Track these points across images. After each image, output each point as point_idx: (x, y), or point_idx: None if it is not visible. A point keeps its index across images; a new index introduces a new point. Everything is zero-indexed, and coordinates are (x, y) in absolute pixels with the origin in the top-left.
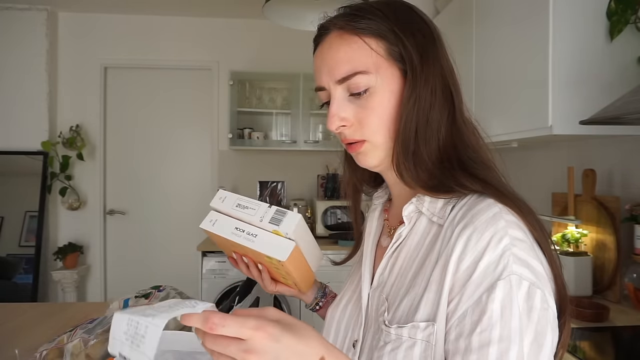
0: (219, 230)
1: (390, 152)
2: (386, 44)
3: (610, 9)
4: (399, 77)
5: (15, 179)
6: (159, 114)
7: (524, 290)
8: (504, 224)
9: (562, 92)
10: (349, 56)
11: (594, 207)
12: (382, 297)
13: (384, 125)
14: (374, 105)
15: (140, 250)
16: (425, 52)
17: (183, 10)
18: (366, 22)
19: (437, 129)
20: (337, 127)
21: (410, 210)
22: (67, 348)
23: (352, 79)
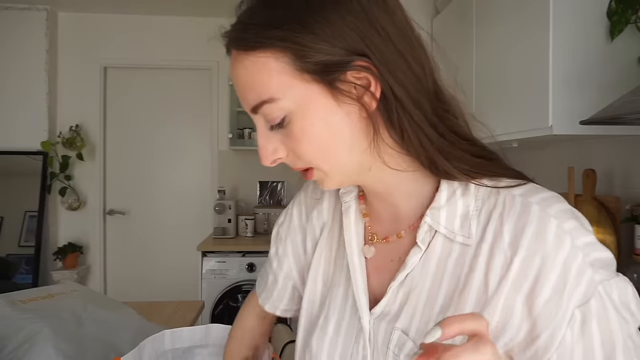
0: None
1: (354, 171)
2: (289, 56)
3: (611, 9)
4: (319, 92)
5: (15, 179)
6: (159, 114)
7: (614, 288)
8: (570, 240)
9: (562, 92)
10: (249, 82)
11: (594, 207)
12: (398, 331)
13: (320, 152)
14: (298, 134)
15: (140, 250)
16: (352, 46)
17: (183, 10)
18: (258, 32)
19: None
20: (271, 162)
21: (424, 231)
22: None
23: (260, 109)
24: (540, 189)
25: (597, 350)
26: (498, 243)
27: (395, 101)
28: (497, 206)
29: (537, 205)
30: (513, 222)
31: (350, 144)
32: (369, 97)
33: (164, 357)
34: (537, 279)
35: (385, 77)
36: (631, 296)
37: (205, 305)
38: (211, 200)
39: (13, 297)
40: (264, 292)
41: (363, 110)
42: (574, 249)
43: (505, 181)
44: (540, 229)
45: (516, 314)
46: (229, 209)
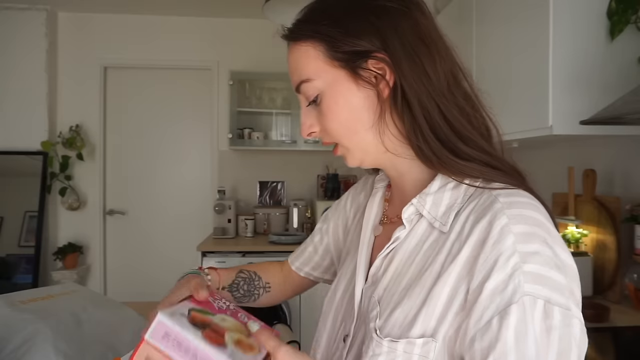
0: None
1: (372, 150)
2: (324, 46)
3: (611, 9)
4: (344, 76)
5: (15, 179)
6: (159, 114)
7: (540, 310)
8: (512, 240)
9: (562, 92)
10: (295, 66)
11: (595, 207)
12: (374, 299)
13: (343, 128)
14: (326, 110)
15: (140, 250)
16: (374, 42)
17: (183, 10)
18: (304, 27)
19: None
20: (307, 134)
21: (410, 212)
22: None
23: (301, 88)
24: (523, 196)
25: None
26: (462, 232)
27: (402, 92)
28: (475, 202)
29: (501, 204)
30: (476, 214)
31: (365, 123)
32: (384, 85)
33: None
34: (472, 267)
35: (398, 69)
36: (555, 332)
37: None
38: (211, 200)
39: (13, 297)
40: (299, 260)
41: (378, 95)
42: (511, 249)
43: (496, 184)
44: (491, 223)
45: (457, 302)
46: (229, 209)
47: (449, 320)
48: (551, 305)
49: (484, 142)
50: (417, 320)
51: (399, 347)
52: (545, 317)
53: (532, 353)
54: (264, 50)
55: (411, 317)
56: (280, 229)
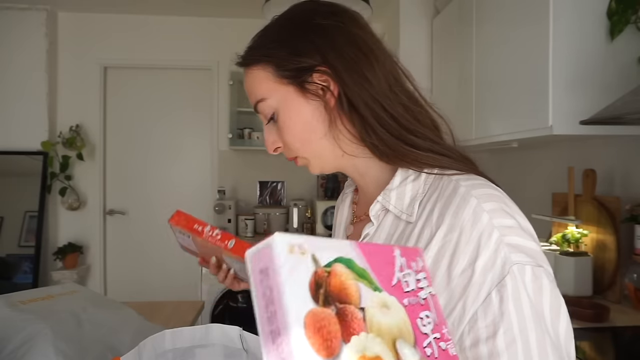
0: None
1: (328, 156)
2: (272, 67)
3: (611, 9)
4: (293, 92)
5: (15, 179)
6: (159, 114)
7: (529, 275)
8: (487, 218)
9: (562, 92)
10: (250, 89)
11: (594, 207)
12: None
13: (298, 140)
14: (281, 125)
15: (140, 250)
16: (316, 57)
17: (183, 10)
18: (253, 53)
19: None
20: (272, 150)
21: (377, 209)
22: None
23: (258, 107)
24: (479, 179)
25: (516, 331)
26: (429, 220)
27: (347, 99)
28: (437, 190)
29: (465, 187)
30: (443, 201)
31: (318, 133)
32: (329, 95)
33: (164, 357)
34: (454, 251)
35: (340, 80)
36: (547, 292)
37: (205, 305)
38: (211, 200)
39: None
40: None
41: (325, 106)
42: (489, 226)
43: (451, 170)
44: (460, 206)
45: (435, 283)
46: (229, 209)
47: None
48: (537, 268)
49: (432, 134)
50: None
51: None
52: (535, 279)
53: (530, 314)
54: None
55: None
56: (280, 229)
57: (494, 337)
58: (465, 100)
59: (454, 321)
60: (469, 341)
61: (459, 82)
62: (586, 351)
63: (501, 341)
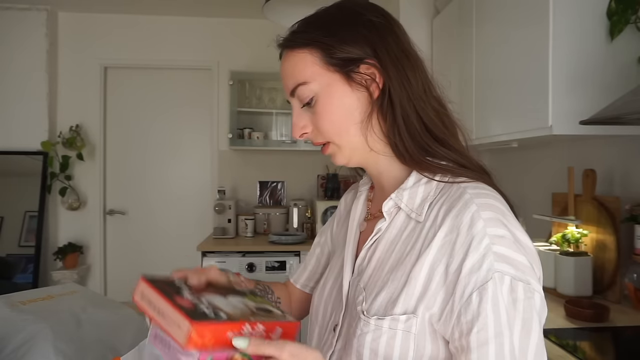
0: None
1: (359, 148)
2: (320, 52)
3: (611, 9)
4: (339, 79)
5: (15, 179)
6: (159, 114)
7: (507, 285)
8: (482, 225)
9: (562, 92)
10: (291, 71)
11: (594, 207)
12: (360, 286)
13: (336, 127)
14: (320, 110)
15: (140, 250)
16: (365, 49)
17: (183, 10)
18: (301, 36)
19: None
20: (299, 135)
21: (389, 206)
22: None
23: (296, 91)
24: (486, 188)
25: (490, 333)
26: (434, 221)
27: (389, 95)
28: (446, 194)
29: (470, 195)
30: (448, 205)
31: (353, 118)
32: (374, 87)
33: None
34: (451, 251)
35: (386, 74)
36: (519, 304)
37: None
38: (211, 200)
39: (13, 298)
40: (303, 277)
41: (369, 96)
42: (482, 233)
43: (462, 178)
44: (461, 210)
45: (434, 282)
46: (229, 209)
47: (428, 297)
48: (516, 281)
49: (456, 141)
50: (399, 300)
51: (384, 324)
52: (511, 291)
53: (505, 320)
54: (264, 50)
55: (395, 297)
56: (280, 229)
57: (469, 334)
58: (465, 100)
59: (447, 314)
60: (457, 334)
61: (459, 82)
62: (586, 351)
63: (474, 339)
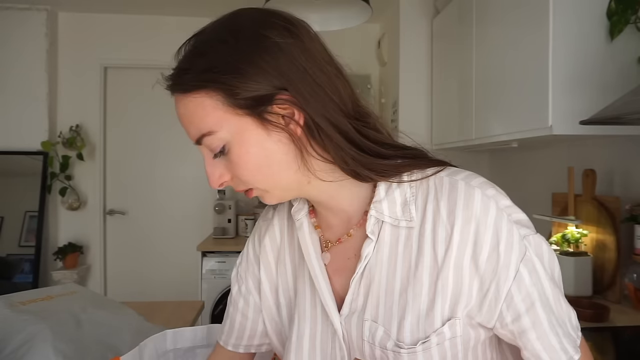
0: None
1: (294, 188)
2: (220, 94)
3: (610, 9)
4: (251, 123)
5: (15, 179)
6: (159, 114)
7: (534, 243)
8: (495, 204)
9: (562, 92)
10: (189, 120)
11: (594, 207)
12: (368, 322)
13: (259, 174)
14: (236, 160)
15: (140, 250)
16: (275, 83)
17: (183, 10)
18: (191, 77)
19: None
20: (218, 185)
21: (372, 224)
22: None
23: (203, 141)
24: (461, 170)
25: (548, 290)
26: (438, 220)
27: (316, 126)
28: (430, 189)
29: (462, 181)
30: (446, 198)
31: (285, 166)
32: (294, 125)
33: (165, 357)
34: (475, 241)
35: (305, 107)
36: (546, 253)
37: (205, 305)
38: (211, 200)
39: (12, 298)
40: (232, 336)
41: (290, 137)
42: (499, 211)
43: (431, 169)
44: (469, 199)
45: (465, 278)
46: (229, 209)
47: (464, 295)
48: (534, 235)
49: (395, 141)
50: (434, 313)
51: (432, 344)
52: (538, 245)
53: (545, 276)
54: None
55: (425, 312)
56: None
57: (533, 307)
58: (465, 100)
59: (491, 302)
60: (509, 317)
61: (459, 82)
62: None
63: (540, 309)
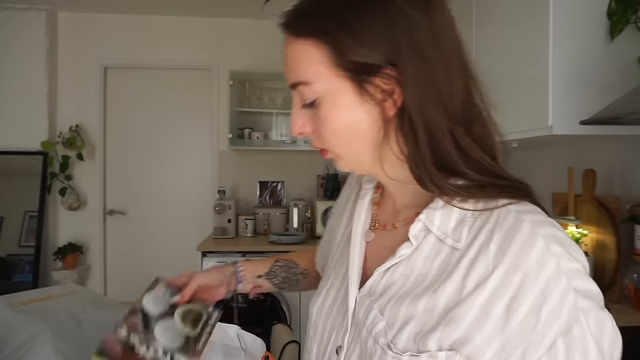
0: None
1: (366, 163)
2: (329, 50)
3: (611, 9)
4: (348, 87)
5: (15, 179)
6: (159, 113)
7: (593, 320)
8: (555, 263)
9: (562, 92)
10: (292, 63)
11: (594, 207)
12: (375, 311)
13: (339, 139)
14: (324, 117)
15: (140, 250)
16: (386, 56)
17: (183, 10)
18: (307, 22)
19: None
20: (297, 133)
21: (417, 228)
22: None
23: (297, 88)
24: (537, 211)
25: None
26: (484, 251)
27: (408, 116)
28: (491, 218)
29: (529, 223)
30: (502, 234)
31: (364, 139)
32: (390, 104)
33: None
34: (515, 296)
35: (406, 91)
36: (608, 332)
37: None
38: (211, 200)
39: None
40: (319, 257)
41: (382, 113)
42: (557, 271)
43: (503, 200)
44: (526, 246)
45: (488, 326)
46: (229, 209)
47: (478, 341)
48: (599, 311)
49: (494, 163)
50: (432, 335)
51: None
52: (599, 323)
53: (607, 355)
54: (264, 50)
55: (426, 331)
56: (280, 229)
57: None
58: None
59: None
60: None
61: None
62: None
63: None
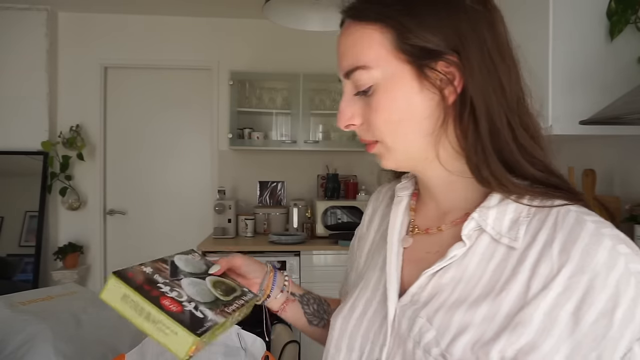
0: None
1: (417, 157)
2: (392, 34)
3: (610, 9)
4: (408, 72)
5: (15, 179)
6: (159, 113)
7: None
8: (624, 263)
9: (561, 92)
10: (351, 49)
11: (594, 207)
12: (422, 319)
13: (392, 127)
14: (378, 105)
15: (140, 250)
16: (449, 41)
17: (183, 10)
18: (371, 7)
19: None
20: (345, 126)
21: (470, 227)
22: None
23: (353, 74)
24: (594, 213)
25: None
26: (547, 251)
27: (470, 104)
28: (550, 217)
29: (592, 223)
30: (565, 233)
31: (420, 128)
32: (450, 91)
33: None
34: (583, 297)
35: (469, 78)
36: None
37: None
38: (211, 200)
39: (12, 298)
40: (344, 287)
41: (441, 101)
42: (627, 272)
43: (559, 201)
44: (592, 246)
45: (557, 329)
46: (229, 209)
47: (546, 348)
48: None
49: (549, 160)
50: (495, 343)
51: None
52: None
53: None
54: (264, 50)
55: (487, 339)
56: (280, 229)
57: None
58: None
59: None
60: None
61: None
62: None
63: None
